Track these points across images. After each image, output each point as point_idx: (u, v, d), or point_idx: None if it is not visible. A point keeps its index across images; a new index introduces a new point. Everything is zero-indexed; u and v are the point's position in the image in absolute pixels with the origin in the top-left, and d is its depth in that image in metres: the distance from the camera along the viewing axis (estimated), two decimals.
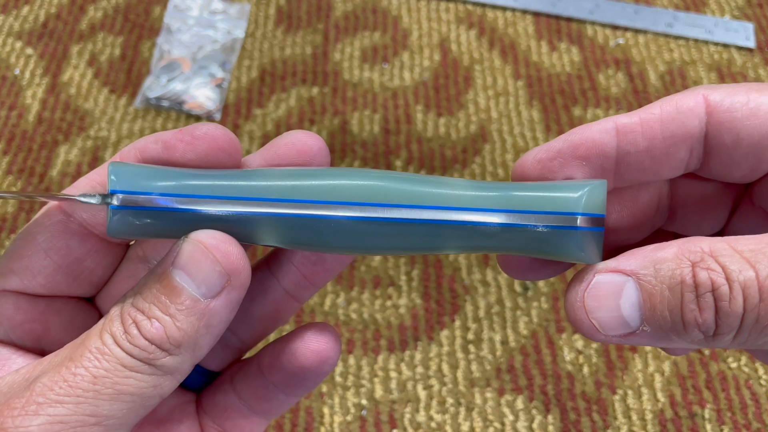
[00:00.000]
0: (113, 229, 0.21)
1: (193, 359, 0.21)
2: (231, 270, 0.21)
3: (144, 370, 0.20)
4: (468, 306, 0.53)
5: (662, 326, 0.20)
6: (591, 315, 0.21)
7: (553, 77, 0.66)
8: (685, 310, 0.19)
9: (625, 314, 0.20)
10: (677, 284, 0.19)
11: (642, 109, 0.23)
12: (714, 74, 0.67)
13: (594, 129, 0.23)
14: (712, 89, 0.22)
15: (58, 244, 0.23)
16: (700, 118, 0.22)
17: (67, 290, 0.24)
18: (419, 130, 0.62)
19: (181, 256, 0.20)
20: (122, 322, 0.20)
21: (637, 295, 0.20)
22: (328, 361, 0.24)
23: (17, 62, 0.66)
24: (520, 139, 0.62)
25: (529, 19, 0.71)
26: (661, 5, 0.73)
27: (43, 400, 0.19)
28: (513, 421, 0.48)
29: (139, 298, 0.20)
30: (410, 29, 0.70)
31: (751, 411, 0.48)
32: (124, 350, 0.20)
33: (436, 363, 0.50)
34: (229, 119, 0.63)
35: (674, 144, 0.22)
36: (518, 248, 0.22)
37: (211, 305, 0.20)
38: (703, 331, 0.19)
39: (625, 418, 0.48)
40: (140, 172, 0.21)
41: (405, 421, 0.48)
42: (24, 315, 0.23)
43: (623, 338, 0.21)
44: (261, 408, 0.26)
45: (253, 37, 0.69)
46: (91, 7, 0.70)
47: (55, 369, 0.20)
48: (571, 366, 0.50)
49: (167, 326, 0.20)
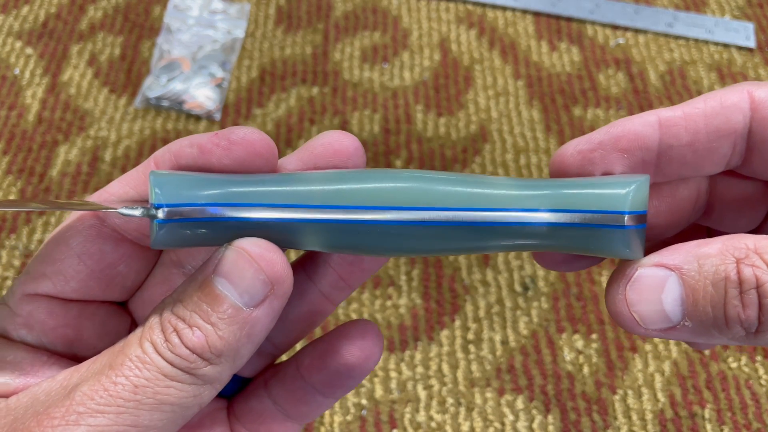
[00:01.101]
0: (158, 242, 0.21)
1: (233, 369, 0.21)
2: (274, 279, 0.20)
3: (184, 380, 0.20)
4: (468, 306, 0.52)
5: (704, 322, 0.20)
6: (632, 308, 0.21)
7: (553, 77, 0.66)
8: (729, 306, 0.19)
9: (667, 308, 0.20)
10: (721, 280, 0.19)
11: (686, 103, 0.23)
12: (714, 74, 0.67)
13: (636, 122, 0.23)
14: (757, 86, 0.22)
15: (91, 248, 0.23)
16: (745, 113, 0.22)
17: (100, 295, 0.24)
18: (419, 129, 0.62)
19: (224, 263, 0.20)
20: (162, 330, 0.20)
21: (680, 290, 0.20)
22: (372, 358, 0.24)
23: (17, 62, 0.66)
24: (520, 139, 0.62)
25: (529, 19, 0.71)
26: (661, 5, 0.73)
27: (83, 410, 0.19)
28: (513, 421, 0.48)
29: (179, 305, 0.20)
30: (410, 29, 0.70)
31: (751, 411, 0.48)
32: (165, 359, 0.19)
33: (436, 363, 0.50)
34: (229, 119, 0.63)
35: (718, 139, 0.22)
36: (563, 246, 0.22)
37: (253, 314, 0.20)
38: (745, 328, 0.19)
39: (626, 418, 0.48)
40: (183, 182, 0.21)
41: (405, 421, 0.48)
42: (57, 320, 0.23)
43: (663, 333, 0.20)
44: (297, 412, 0.25)
45: (253, 37, 0.69)
46: (91, 6, 0.70)
47: (94, 377, 0.20)
48: (571, 366, 0.50)
49: (209, 335, 0.20)
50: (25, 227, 0.55)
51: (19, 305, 0.23)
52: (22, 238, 0.55)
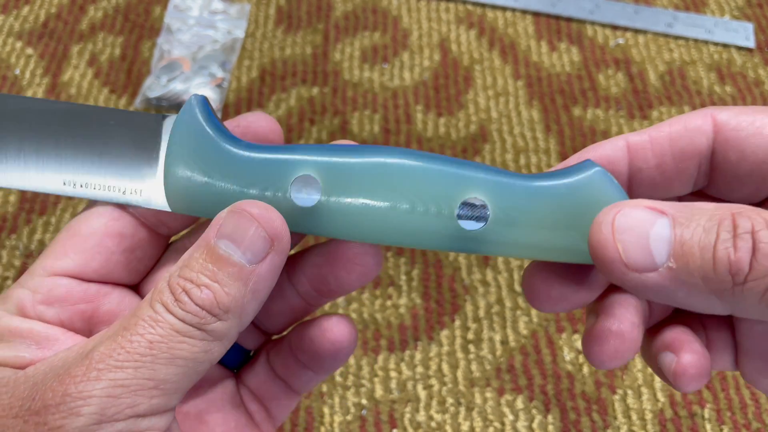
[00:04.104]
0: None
1: (240, 325, 0.22)
2: (274, 235, 0.21)
3: (196, 335, 0.21)
4: (468, 306, 0.53)
5: (689, 264, 0.19)
6: (618, 236, 0.20)
7: (553, 77, 0.67)
8: (718, 247, 0.19)
9: (652, 245, 0.20)
10: (714, 225, 0.19)
11: (652, 128, 0.24)
12: (714, 74, 0.67)
13: (607, 147, 0.24)
14: (719, 110, 0.23)
15: (113, 231, 0.24)
16: (708, 135, 0.23)
17: (117, 277, 0.25)
18: (419, 130, 0.62)
19: (226, 225, 0.21)
20: (172, 292, 0.21)
21: (669, 231, 0.20)
22: (343, 351, 0.26)
23: (17, 62, 0.66)
24: (520, 139, 0.62)
25: (529, 19, 0.71)
26: (661, 5, 0.73)
27: (103, 366, 0.20)
28: (513, 421, 0.48)
29: (186, 269, 0.21)
30: (410, 29, 0.70)
31: (751, 411, 0.48)
32: (177, 316, 0.21)
33: (436, 363, 0.50)
34: (229, 119, 0.63)
35: (683, 160, 0.23)
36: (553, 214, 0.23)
37: (256, 270, 0.21)
38: (732, 274, 0.18)
39: (625, 418, 0.48)
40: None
41: (405, 421, 0.48)
42: (76, 297, 0.24)
43: (642, 278, 0.20)
44: (294, 383, 0.27)
45: (253, 37, 0.69)
46: (92, 7, 0.70)
47: (110, 338, 0.21)
48: (571, 366, 0.50)
49: (216, 292, 0.21)
50: (25, 227, 0.55)
51: (39, 283, 0.24)
52: (23, 238, 0.55)
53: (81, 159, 0.24)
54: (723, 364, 0.25)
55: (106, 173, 0.24)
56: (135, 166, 0.24)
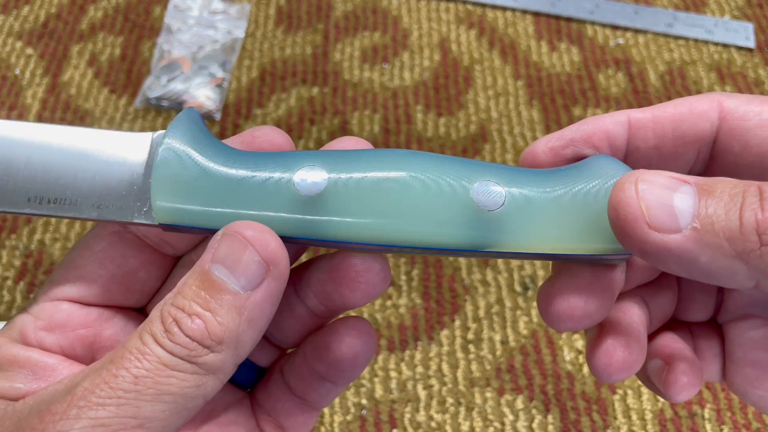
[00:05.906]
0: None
1: (236, 357, 0.20)
2: (270, 259, 0.20)
3: (186, 369, 0.19)
4: (468, 306, 0.53)
5: (714, 225, 0.18)
6: (641, 194, 0.19)
7: (553, 77, 0.67)
8: (745, 208, 0.18)
9: (676, 206, 0.18)
10: (739, 192, 0.18)
11: (656, 106, 0.23)
12: (714, 74, 0.67)
13: (607, 120, 0.23)
14: (727, 96, 0.22)
15: (113, 253, 0.23)
16: (712, 122, 0.22)
17: (120, 300, 0.24)
18: (419, 130, 0.62)
19: (220, 249, 0.20)
20: (162, 322, 0.20)
21: (693, 197, 0.18)
22: (362, 355, 0.24)
23: (17, 62, 0.66)
24: (520, 139, 0.62)
25: (529, 19, 0.71)
26: (661, 5, 0.73)
27: (84, 404, 0.19)
28: (513, 421, 0.48)
29: (179, 297, 0.20)
30: (410, 29, 0.70)
31: (750, 411, 0.48)
32: (165, 348, 0.19)
33: (436, 363, 0.50)
34: (229, 119, 0.63)
35: (684, 144, 0.22)
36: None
37: (251, 298, 0.20)
38: (760, 234, 0.17)
39: (625, 418, 0.48)
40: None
41: (405, 421, 0.48)
42: (76, 322, 0.23)
43: (665, 238, 0.18)
44: (311, 398, 0.26)
45: (253, 37, 0.69)
46: (92, 7, 0.70)
47: (95, 372, 0.19)
48: (571, 366, 0.50)
49: (208, 322, 0.19)
50: (25, 227, 0.55)
51: (42, 308, 0.23)
52: (23, 238, 0.55)
53: (54, 175, 0.22)
54: (709, 375, 0.25)
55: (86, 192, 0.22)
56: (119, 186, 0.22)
